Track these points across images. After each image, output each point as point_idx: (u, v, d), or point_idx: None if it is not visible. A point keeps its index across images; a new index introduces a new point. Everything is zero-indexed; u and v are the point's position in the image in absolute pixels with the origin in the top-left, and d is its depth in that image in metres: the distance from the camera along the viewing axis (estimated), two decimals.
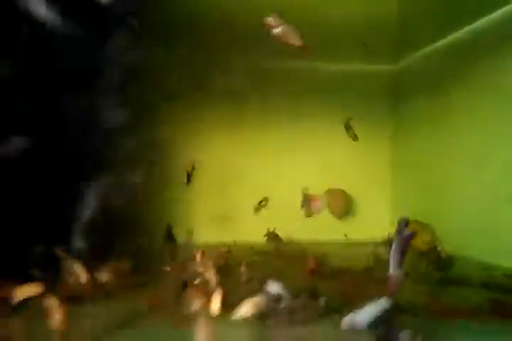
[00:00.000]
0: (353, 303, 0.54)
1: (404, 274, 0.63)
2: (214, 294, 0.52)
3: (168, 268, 0.80)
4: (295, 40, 0.63)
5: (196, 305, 0.53)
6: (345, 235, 1.35)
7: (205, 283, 0.60)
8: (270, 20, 0.62)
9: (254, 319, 0.51)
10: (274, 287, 0.53)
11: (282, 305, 0.51)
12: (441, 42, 1.27)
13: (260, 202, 1.31)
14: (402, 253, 0.63)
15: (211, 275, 0.60)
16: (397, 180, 1.50)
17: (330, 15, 1.24)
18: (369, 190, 1.48)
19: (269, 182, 1.39)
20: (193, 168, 1.20)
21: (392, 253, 0.63)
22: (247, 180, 1.38)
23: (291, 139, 1.46)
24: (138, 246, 0.97)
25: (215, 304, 0.52)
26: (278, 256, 1.05)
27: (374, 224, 1.45)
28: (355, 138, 1.26)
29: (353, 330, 0.48)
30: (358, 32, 1.26)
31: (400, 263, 0.63)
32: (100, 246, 0.78)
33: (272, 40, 1.21)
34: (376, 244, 1.20)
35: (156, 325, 0.53)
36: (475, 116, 1.11)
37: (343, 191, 1.39)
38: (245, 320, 0.50)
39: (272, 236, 1.14)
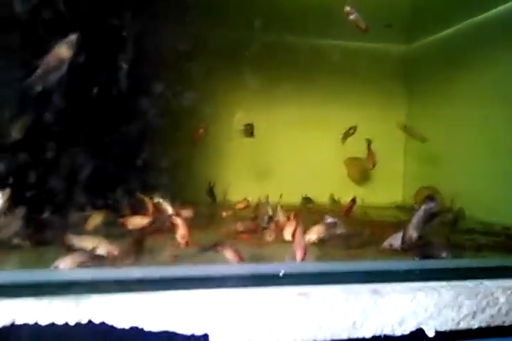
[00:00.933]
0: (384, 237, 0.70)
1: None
2: (288, 225, 0.68)
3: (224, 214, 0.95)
4: (362, 24, 0.82)
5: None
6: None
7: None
8: (348, 9, 0.78)
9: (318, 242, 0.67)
10: (330, 219, 0.69)
11: (338, 231, 0.67)
12: (451, 29, 1.40)
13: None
14: (425, 220, 0.67)
15: (281, 214, 0.76)
16: (409, 152, 1.65)
17: None
18: (384, 161, 1.63)
19: (297, 151, 1.54)
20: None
21: (415, 216, 0.68)
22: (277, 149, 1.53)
23: (317, 112, 1.60)
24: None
25: (288, 232, 0.68)
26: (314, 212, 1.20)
27: (387, 190, 1.61)
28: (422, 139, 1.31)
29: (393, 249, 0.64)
30: (376, 12, 1.38)
31: (418, 226, 0.72)
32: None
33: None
34: (390, 208, 1.37)
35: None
36: (476, 96, 1.26)
37: (361, 159, 1.54)
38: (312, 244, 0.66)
39: (306, 199, 1.30)
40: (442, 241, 0.66)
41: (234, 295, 0.50)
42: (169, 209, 0.81)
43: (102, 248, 0.57)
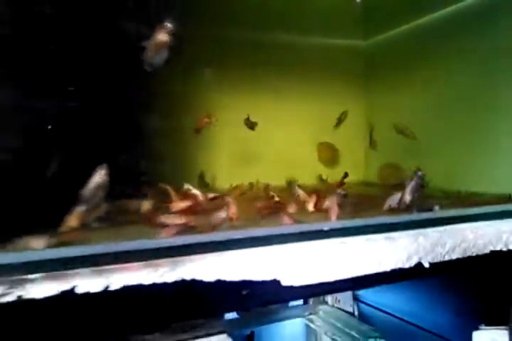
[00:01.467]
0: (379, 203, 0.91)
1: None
2: (310, 199, 0.86)
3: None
4: None
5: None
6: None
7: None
8: None
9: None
10: (341, 191, 0.88)
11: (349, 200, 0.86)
12: (403, 27, 1.64)
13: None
14: (416, 188, 0.89)
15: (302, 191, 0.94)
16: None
17: None
18: (349, 145, 1.86)
19: (273, 140, 1.72)
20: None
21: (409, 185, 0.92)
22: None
23: (288, 104, 1.78)
24: None
25: (311, 205, 0.86)
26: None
27: (351, 170, 1.84)
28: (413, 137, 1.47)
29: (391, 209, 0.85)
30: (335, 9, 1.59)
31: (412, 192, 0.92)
32: None
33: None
34: (359, 185, 1.60)
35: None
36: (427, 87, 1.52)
37: (330, 144, 1.75)
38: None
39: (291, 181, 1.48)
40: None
41: (295, 248, 0.67)
42: (199, 194, 0.95)
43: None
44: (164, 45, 0.74)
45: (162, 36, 0.74)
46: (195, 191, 0.96)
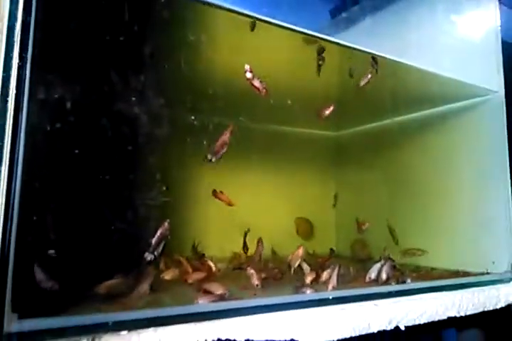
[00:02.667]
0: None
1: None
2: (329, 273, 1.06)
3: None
4: (258, 84, 1.07)
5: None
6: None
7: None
8: (247, 67, 1.06)
9: None
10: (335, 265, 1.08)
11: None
12: (368, 126, 2.00)
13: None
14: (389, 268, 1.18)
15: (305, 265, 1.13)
16: (339, 214, 2.17)
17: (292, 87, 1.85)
18: (322, 220, 2.11)
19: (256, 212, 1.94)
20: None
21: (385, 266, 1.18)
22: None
23: (268, 181, 2.03)
24: None
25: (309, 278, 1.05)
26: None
27: (324, 242, 2.07)
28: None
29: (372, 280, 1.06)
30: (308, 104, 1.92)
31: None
32: None
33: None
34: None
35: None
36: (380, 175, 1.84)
37: (306, 219, 1.98)
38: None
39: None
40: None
41: (308, 313, 0.85)
42: (213, 265, 1.13)
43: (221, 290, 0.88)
44: (227, 143, 0.97)
45: (226, 137, 0.98)
46: (210, 262, 1.13)
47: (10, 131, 0.59)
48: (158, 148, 1.16)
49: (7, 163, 0.58)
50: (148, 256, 0.87)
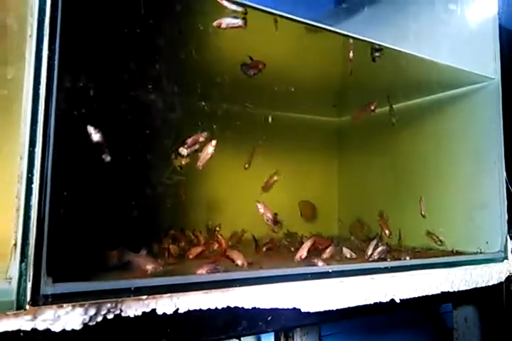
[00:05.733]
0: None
1: None
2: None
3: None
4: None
5: None
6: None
7: None
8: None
9: None
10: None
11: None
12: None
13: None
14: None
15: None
16: (341, 196, 2.24)
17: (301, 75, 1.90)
18: (323, 203, 2.18)
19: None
20: None
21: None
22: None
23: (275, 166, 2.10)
24: None
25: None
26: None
27: (326, 225, 2.14)
28: None
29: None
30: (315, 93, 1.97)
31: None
32: None
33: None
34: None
35: None
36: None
37: (310, 202, 2.05)
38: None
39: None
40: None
41: (311, 284, 0.93)
42: (223, 241, 1.21)
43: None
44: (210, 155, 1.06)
45: (210, 149, 1.07)
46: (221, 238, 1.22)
47: (42, 117, 0.65)
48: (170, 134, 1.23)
49: (40, 143, 0.65)
50: (183, 151, 0.95)
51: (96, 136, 0.77)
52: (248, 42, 1.28)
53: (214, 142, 1.08)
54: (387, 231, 1.44)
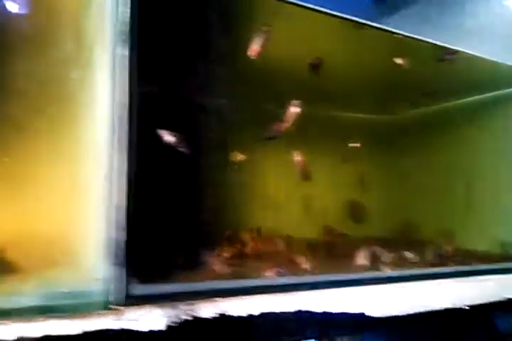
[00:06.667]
0: None
1: None
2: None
3: None
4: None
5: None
6: None
7: None
8: None
9: None
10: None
11: None
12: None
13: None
14: None
15: None
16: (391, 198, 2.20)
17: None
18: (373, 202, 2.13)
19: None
20: None
21: None
22: None
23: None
24: None
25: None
26: None
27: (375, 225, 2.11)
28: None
29: None
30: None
31: None
32: None
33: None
34: None
35: None
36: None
37: (359, 202, 2.01)
38: None
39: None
40: None
41: (371, 289, 0.93)
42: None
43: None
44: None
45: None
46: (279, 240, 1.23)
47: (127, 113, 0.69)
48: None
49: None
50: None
51: (174, 139, 0.79)
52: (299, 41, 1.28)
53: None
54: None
